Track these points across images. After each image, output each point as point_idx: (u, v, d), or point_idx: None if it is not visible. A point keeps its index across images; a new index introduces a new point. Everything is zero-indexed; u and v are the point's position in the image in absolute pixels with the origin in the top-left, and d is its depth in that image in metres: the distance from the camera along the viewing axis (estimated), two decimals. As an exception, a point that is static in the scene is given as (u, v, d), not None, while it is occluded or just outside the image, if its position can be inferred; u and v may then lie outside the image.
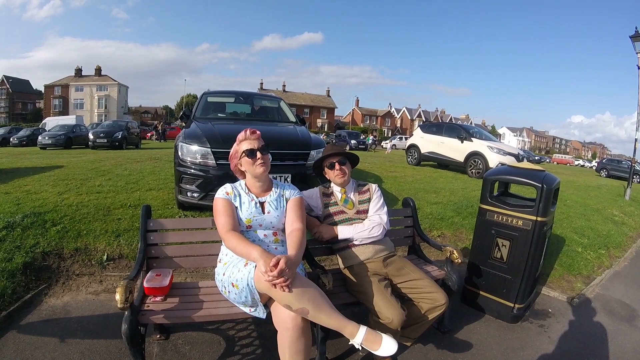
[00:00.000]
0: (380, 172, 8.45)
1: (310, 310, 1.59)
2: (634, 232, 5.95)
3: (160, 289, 1.94)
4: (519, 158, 9.36)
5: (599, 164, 26.62)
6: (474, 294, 2.92)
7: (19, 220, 3.28)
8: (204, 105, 4.94)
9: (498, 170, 3.07)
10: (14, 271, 2.68)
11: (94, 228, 3.37)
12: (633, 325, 2.96)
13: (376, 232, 2.21)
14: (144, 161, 8.03)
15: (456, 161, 10.16)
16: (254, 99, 5.51)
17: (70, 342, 2.16)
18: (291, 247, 1.81)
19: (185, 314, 1.85)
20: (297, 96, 58.58)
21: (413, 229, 2.84)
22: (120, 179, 5.36)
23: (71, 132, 17.51)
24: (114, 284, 2.89)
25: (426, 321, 2.12)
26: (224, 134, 3.61)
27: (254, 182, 2.00)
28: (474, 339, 2.52)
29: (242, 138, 1.98)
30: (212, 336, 2.31)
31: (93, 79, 52.68)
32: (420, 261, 2.67)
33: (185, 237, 2.32)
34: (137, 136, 18.84)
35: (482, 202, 2.89)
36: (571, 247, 4.44)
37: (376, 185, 2.39)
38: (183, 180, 3.51)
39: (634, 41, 9.63)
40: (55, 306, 2.57)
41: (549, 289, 3.44)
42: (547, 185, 2.57)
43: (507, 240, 2.73)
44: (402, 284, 2.16)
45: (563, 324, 2.86)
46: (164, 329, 2.27)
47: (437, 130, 11.37)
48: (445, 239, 4.24)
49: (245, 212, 1.92)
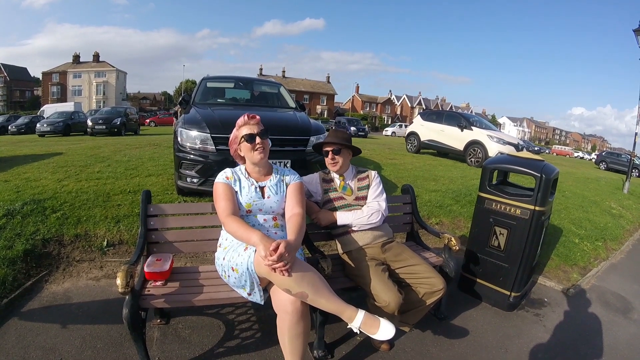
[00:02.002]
0: (379, 159, 8.43)
1: (309, 294, 1.61)
2: (631, 226, 5.98)
3: (160, 273, 1.95)
4: (519, 148, 9.33)
5: (598, 156, 26.53)
6: (471, 282, 2.95)
7: (19, 208, 3.28)
8: (204, 90, 4.91)
9: (497, 159, 3.07)
10: (15, 258, 2.69)
11: (94, 214, 3.38)
12: (627, 318, 3.00)
13: (375, 218, 2.22)
14: (143, 147, 7.99)
15: (456, 149, 10.13)
16: (253, 85, 5.48)
17: (71, 327, 2.18)
18: (291, 231, 1.82)
19: (185, 298, 1.87)
20: (297, 82, 57.94)
21: (412, 216, 2.85)
22: (119, 165, 5.35)
23: (69, 119, 17.43)
24: (114, 269, 2.90)
25: (424, 306, 2.15)
26: (223, 120, 3.60)
27: (253, 167, 2.01)
28: (471, 325, 2.56)
29: (242, 123, 1.97)
30: (212, 320, 2.34)
31: (91, 66, 52.04)
32: (418, 248, 2.69)
33: (185, 222, 2.32)
34: (136, 122, 18.76)
35: (481, 190, 2.89)
36: (568, 237, 4.47)
37: (375, 172, 2.40)
38: (182, 165, 3.50)
39: (637, 34, 9.52)
40: (56, 292, 2.58)
41: (546, 279, 3.47)
42: (546, 175, 2.58)
43: (505, 229, 2.75)
44: (400, 269, 2.18)
45: (558, 314, 2.90)
46: (165, 314, 2.30)
47: (437, 118, 11.31)
48: (444, 227, 4.26)
49: (245, 197, 1.92)
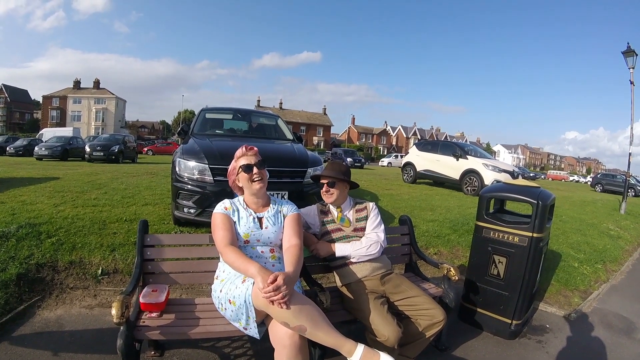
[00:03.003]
0: (376, 189, 8.48)
1: (307, 327, 1.58)
2: (630, 246, 5.99)
3: (156, 304, 1.92)
4: (514, 175, 9.43)
5: (593, 179, 26.84)
6: (472, 311, 2.91)
7: (14, 231, 3.25)
8: (202, 121, 4.96)
9: (493, 187, 3.10)
10: (8, 282, 2.65)
11: (89, 241, 3.34)
12: (631, 338, 2.97)
13: (374, 249, 2.21)
14: (141, 175, 8.02)
15: (452, 179, 10.21)
16: (251, 116, 5.55)
17: (63, 355, 2.13)
18: (288, 263, 1.81)
19: (181, 330, 1.83)
20: (294, 113, 59.05)
21: (410, 247, 2.85)
22: (116, 193, 5.34)
23: (68, 144, 17.50)
24: (108, 298, 2.85)
25: (424, 339, 2.11)
26: (221, 151, 3.62)
27: (252, 198, 2.02)
28: (472, 356, 2.51)
29: (240, 154, 2.00)
30: (207, 354, 2.27)
31: (91, 92, 52.95)
32: (417, 279, 2.67)
33: (182, 253, 2.30)
34: (134, 150, 18.89)
35: (478, 219, 2.91)
36: (568, 262, 4.46)
37: (373, 204, 2.41)
38: (180, 195, 3.50)
39: (626, 57, 9.89)
40: (48, 319, 2.53)
41: (547, 305, 3.44)
42: (543, 202, 2.60)
43: (504, 257, 2.74)
44: (399, 302, 2.15)
45: (561, 339, 2.86)
46: (159, 345, 2.24)
47: (432, 148, 11.48)
48: (442, 257, 4.24)
49: (243, 227, 1.92)
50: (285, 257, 1.88)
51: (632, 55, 9.82)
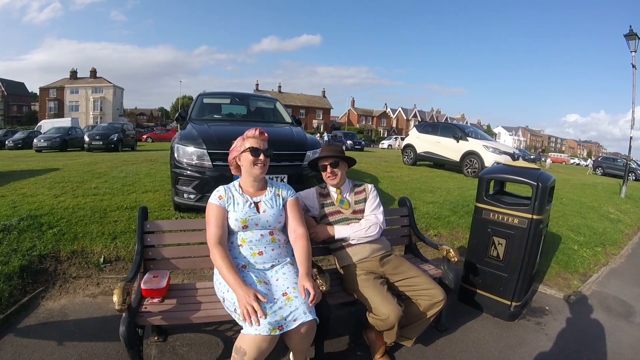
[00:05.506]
0: (376, 172, 8.46)
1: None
2: (629, 229, 6.00)
3: (157, 290, 1.93)
4: (515, 157, 9.40)
5: (594, 162, 26.84)
6: (471, 292, 2.94)
7: (15, 224, 3.26)
8: (200, 106, 4.93)
9: (493, 169, 3.09)
10: (11, 274, 2.67)
11: (91, 230, 3.36)
12: (630, 322, 2.99)
13: (372, 231, 2.21)
14: (140, 163, 8.00)
15: (452, 161, 10.18)
16: (249, 100, 5.51)
17: (68, 344, 2.16)
18: (301, 260, 1.85)
19: (183, 315, 1.85)
20: (293, 97, 58.55)
21: (409, 228, 2.85)
22: (116, 181, 5.34)
23: (67, 134, 17.45)
24: (111, 286, 2.87)
25: (425, 319, 2.13)
26: (220, 135, 3.61)
27: (249, 181, 1.98)
28: (472, 337, 2.53)
29: (251, 135, 1.94)
30: (210, 337, 2.30)
31: (88, 81, 52.41)
32: (417, 260, 2.68)
33: (182, 238, 2.31)
34: (133, 138, 18.84)
35: (478, 200, 2.90)
36: (567, 244, 4.47)
37: (372, 185, 2.40)
38: (179, 181, 3.50)
39: (628, 40, 9.74)
40: (52, 309, 2.56)
41: (546, 287, 3.46)
42: (543, 184, 2.59)
43: (503, 239, 2.75)
44: (399, 282, 2.17)
45: (560, 321, 2.88)
46: (162, 331, 2.27)
47: (432, 130, 11.41)
48: (442, 238, 4.25)
49: (240, 212, 1.89)
50: (295, 251, 1.90)
51: (634, 39, 9.66)
